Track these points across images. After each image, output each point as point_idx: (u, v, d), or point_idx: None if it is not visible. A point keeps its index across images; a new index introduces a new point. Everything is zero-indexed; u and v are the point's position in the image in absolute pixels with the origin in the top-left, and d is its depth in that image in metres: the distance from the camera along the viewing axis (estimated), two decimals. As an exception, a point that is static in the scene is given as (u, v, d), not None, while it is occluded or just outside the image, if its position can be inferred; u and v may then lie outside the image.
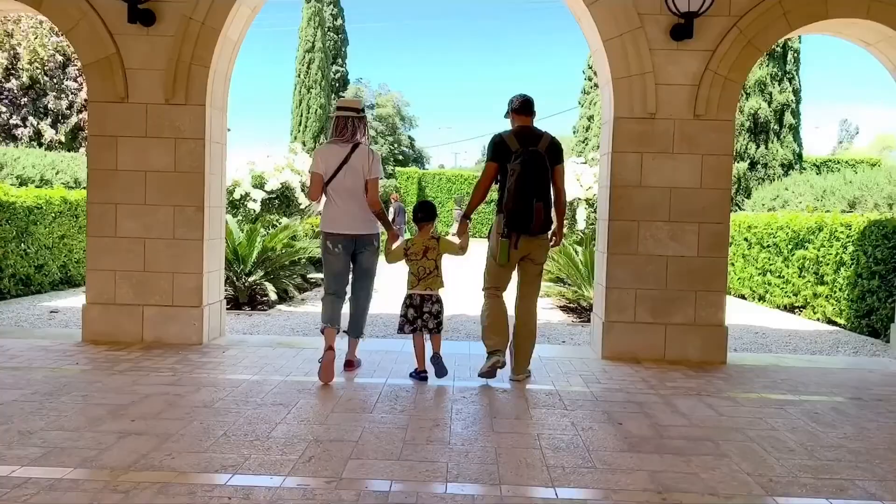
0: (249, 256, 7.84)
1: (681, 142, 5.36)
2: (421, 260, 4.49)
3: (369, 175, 4.48)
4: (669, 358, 5.38)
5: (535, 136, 4.42)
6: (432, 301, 4.49)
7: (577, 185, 8.75)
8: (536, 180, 4.25)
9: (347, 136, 4.50)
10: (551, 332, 6.93)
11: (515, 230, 4.32)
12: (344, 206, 4.50)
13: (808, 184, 10.24)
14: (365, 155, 4.49)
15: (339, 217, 4.52)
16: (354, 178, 4.46)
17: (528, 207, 4.24)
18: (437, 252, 4.52)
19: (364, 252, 4.62)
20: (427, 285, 4.49)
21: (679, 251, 5.38)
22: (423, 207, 4.65)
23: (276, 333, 6.49)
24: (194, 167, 5.47)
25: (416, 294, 4.49)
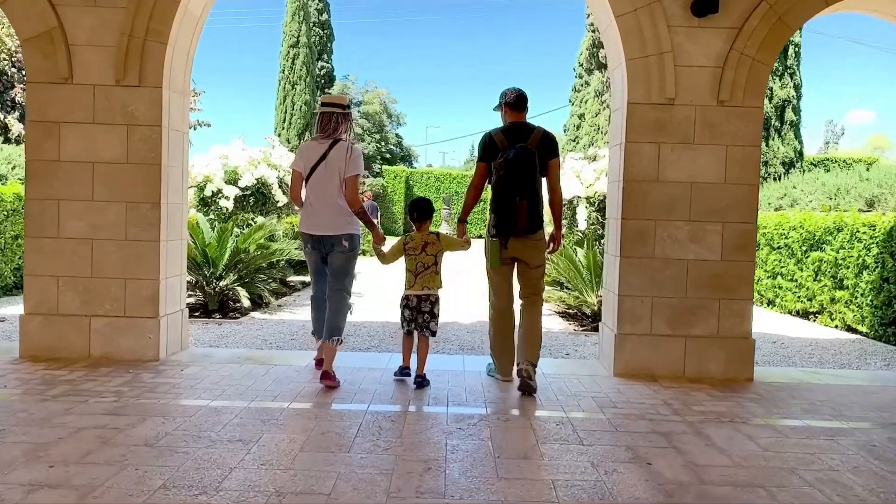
0: (220, 259, 7.15)
1: (703, 131, 4.75)
2: (419, 255, 4.33)
3: (348, 172, 4.29)
4: (690, 374, 4.77)
5: (525, 132, 4.22)
6: (431, 301, 4.33)
7: (577, 181, 8.14)
8: (521, 177, 4.06)
9: (329, 131, 4.35)
10: (553, 342, 6.30)
11: (504, 230, 4.15)
12: (317, 205, 4.33)
13: (818, 181, 9.72)
14: (343, 151, 4.30)
15: (310, 216, 4.36)
16: (330, 175, 4.28)
17: (512, 207, 4.08)
18: (437, 248, 4.36)
19: (333, 252, 4.38)
20: (424, 283, 4.31)
21: (700, 254, 4.77)
22: (419, 205, 4.43)
23: (247, 346, 5.81)
24: (150, 158, 4.78)
25: (413, 295, 4.32)
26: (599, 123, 26.06)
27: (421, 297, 4.31)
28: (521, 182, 4.07)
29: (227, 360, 4.88)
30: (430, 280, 4.35)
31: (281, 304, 8.06)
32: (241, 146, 8.55)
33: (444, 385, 4.36)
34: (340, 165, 4.28)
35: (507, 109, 4.37)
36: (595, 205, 8.21)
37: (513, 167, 4.04)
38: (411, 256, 4.35)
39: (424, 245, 4.35)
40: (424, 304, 4.32)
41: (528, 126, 4.30)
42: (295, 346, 5.82)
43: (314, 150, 4.34)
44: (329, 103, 4.43)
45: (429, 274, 4.34)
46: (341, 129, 4.39)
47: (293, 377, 4.45)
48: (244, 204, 8.34)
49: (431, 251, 4.34)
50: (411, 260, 4.35)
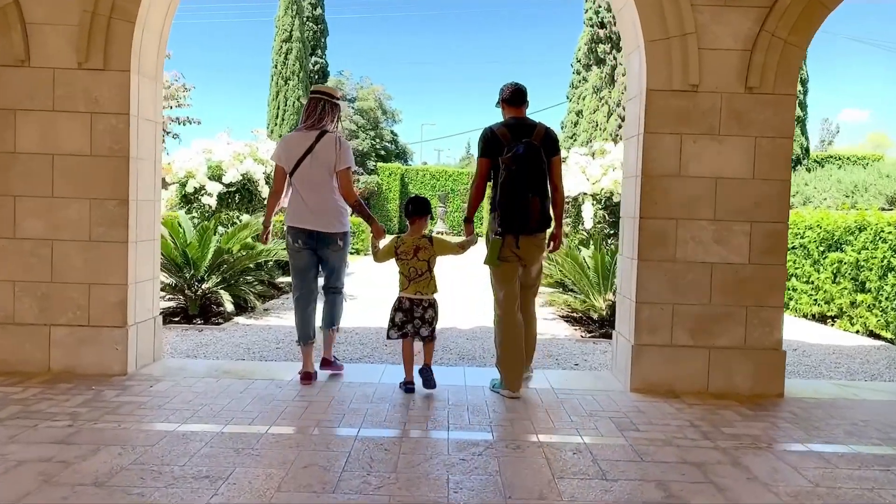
0: (202, 260, 6.67)
1: (729, 120, 4.30)
2: (411, 260, 4.09)
3: (339, 165, 4.13)
4: (714, 390, 4.33)
5: (527, 128, 4.10)
6: (424, 306, 4.09)
7: (583, 177, 7.69)
8: (531, 173, 3.94)
9: (314, 121, 4.15)
10: (559, 350, 5.85)
11: (511, 229, 3.99)
12: (307, 200, 4.12)
13: (831, 178, 9.31)
14: (332, 143, 4.11)
15: (302, 211, 4.14)
16: (320, 168, 4.09)
17: (523, 204, 3.94)
18: (429, 253, 4.12)
19: (328, 250, 4.24)
20: (418, 288, 4.09)
21: (726, 257, 4.32)
22: (415, 201, 4.21)
23: (228, 356, 5.33)
24: (116, 150, 4.30)
25: (406, 298, 4.10)
26: (598, 120, 25.64)
27: (414, 300, 4.08)
28: (532, 178, 3.94)
29: (203, 374, 4.41)
30: (425, 286, 4.11)
31: (268, 307, 7.58)
32: (225, 140, 8.07)
33: (443, 403, 3.90)
34: (330, 159, 4.08)
35: (506, 106, 4.24)
36: (602, 202, 7.76)
37: (524, 163, 3.90)
38: (403, 261, 4.12)
39: (416, 250, 4.10)
40: (417, 308, 4.08)
41: (530, 122, 4.18)
42: (280, 355, 5.35)
43: (299, 142, 4.11)
44: (317, 90, 4.25)
45: (423, 280, 4.10)
46: (327, 120, 4.18)
47: (275, 394, 3.99)
48: (228, 201, 7.86)
49: (423, 256, 4.10)
50: (404, 265, 4.12)
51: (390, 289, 4.42)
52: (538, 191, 3.98)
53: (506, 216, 3.97)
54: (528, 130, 4.08)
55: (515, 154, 3.89)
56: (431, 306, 4.10)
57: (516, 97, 4.21)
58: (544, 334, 6.44)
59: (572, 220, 8.11)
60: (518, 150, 3.90)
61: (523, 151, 3.90)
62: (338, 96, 4.32)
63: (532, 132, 4.06)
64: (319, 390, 4.13)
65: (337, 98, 4.29)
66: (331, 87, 4.39)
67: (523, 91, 4.25)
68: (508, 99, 4.22)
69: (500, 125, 4.13)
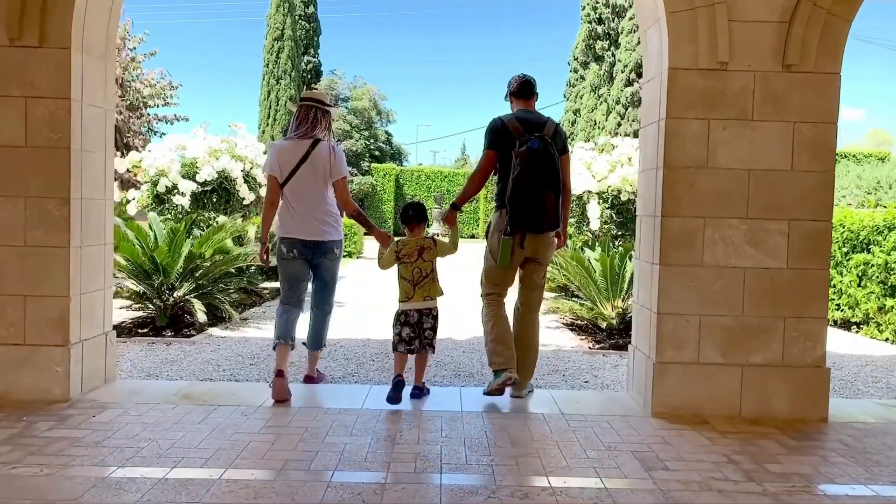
0: (173, 266, 6.07)
1: (764, 104, 3.74)
2: (416, 262, 3.91)
3: (335, 175, 4.01)
4: (748, 414, 3.76)
5: (538, 122, 3.91)
6: (433, 315, 3.94)
7: (588, 174, 7.11)
8: (546, 169, 3.74)
9: (306, 129, 4.01)
10: (566, 364, 5.27)
11: (522, 227, 3.77)
12: (302, 210, 3.99)
13: (849, 175, 8.75)
14: (326, 152, 3.99)
15: (296, 221, 4.00)
16: (315, 178, 3.97)
17: (538, 200, 3.73)
18: (434, 253, 3.96)
19: (324, 260, 4.09)
20: (425, 292, 3.90)
21: (761, 260, 3.76)
22: (414, 206, 4.05)
23: (194, 374, 4.73)
24: (56, 140, 3.71)
25: (413, 310, 3.87)
26: (596, 118, 25.11)
27: (423, 311, 3.88)
28: (546, 174, 3.75)
29: (159, 399, 3.82)
30: (431, 288, 3.93)
31: (246, 317, 6.98)
32: (202, 135, 7.48)
33: (436, 436, 3.32)
34: (325, 168, 3.97)
35: (514, 98, 4.07)
36: (608, 201, 7.18)
37: (539, 158, 3.72)
38: (406, 264, 3.92)
39: (421, 250, 3.92)
40: (427, 319, 3.90)
41: (541, 116, 4.01)
42: (253, 373, 4.75)
43: (291, 151, 3.97)
44: (307, 97, 4.13)
45: (428, 282, 3.92)
46: (320, 128, 4.06)
47: (239, 425, 3.41)
48: (204, 201, 7.26)
49: (429, 257, 3.94)
50: (406, 268, 3.92)
51: (382, 294, 3.87)
52: (552, 187, 3.78)
53: (517, 213, 3.74)
54: (539, 125, 3.88)
55: (530, 148, 3.73)
56: (436, 316, 3.94)
57: (525, 89, 4.03)
58: (548, 345, 5.87)
59: (576, 221, 7.53)
60: (533, 145, 3.73)
61: (538, 146, 3.73)
62: (329, 103, 4.20)
63: (543, 127, 3.87)
64: (292, 418, 3.54)
65: (328, 105, 4.16)
66: (321, 94, 4.29)
67: (532, 83, 4.06)
68: (516, 91, 4.04)
69: (510, 117, 3.92)
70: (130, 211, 7.33)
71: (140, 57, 18.00)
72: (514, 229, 3.76)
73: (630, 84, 21.56)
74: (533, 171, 3.71)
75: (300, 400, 3.91)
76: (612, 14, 23.86)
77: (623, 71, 21.89)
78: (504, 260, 3.79)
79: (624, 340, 5.94)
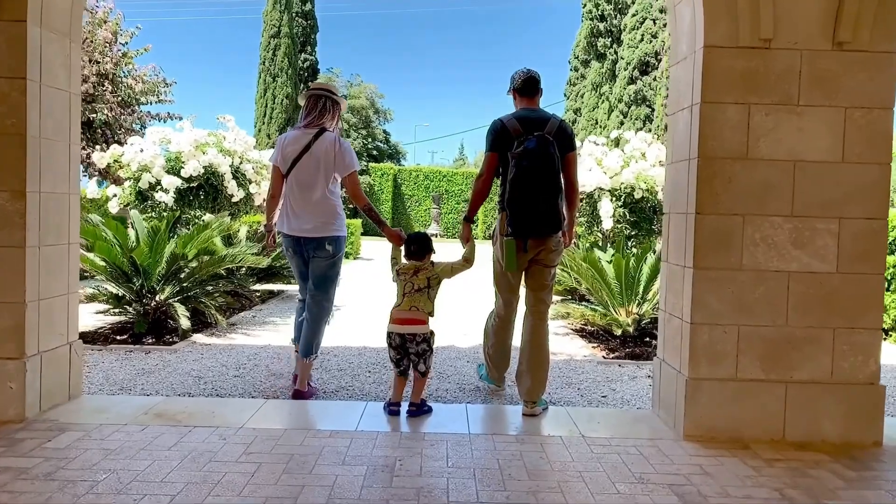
0: (154, 267, 5.63)
1: (811, 86, 3.31)
2: (411, 277, 3.70)
3: (343, 170, 3.83)
4: (794, 437, 3.33)
5: (540, 120, 3.72)
6: (416, 341, 3.60)
7: (599, 171, 6.68)
8: (543, 170, 3.56)
9: (313, 118, 3.87)
10: (580, 376, 4.83)
11: (521, 230, 3.61)
12: (296, 203, 3.86)
13: None
14: (330, 144, 3.81)
15: (289, 215, 3.89)
16: (314, 169, 3.80)
17: (536, 202, 3.58)
18: (429, 272, 3.70)
19: (315, 258, 3.89)
20: (413, 302, 3.63)
21: (807, 264, 3.33)
22: (416, 241, 3.72)
23: (172, 387, 4.27)
24: (8, 126, 3.27)
25: (396, 333, 3.62)
26: (598, 117, 24.73)
27: (405, 336, 3.59)
28: (545, 175, 3.57)
29: (128, 418, 3.39)
30: (420, 300, 3.64)
31: (235, 322, 6.54)
32: (188, 128, 7.04)
33: (441, 465, 2.89)
34: (327, 159, 3.79)
35: (517, 96, 3.89)
36: (621, 199, 6.75)
37: (536, 158, 3.55)
38: (402, 279, 3.72)
39: (416, 270, 3.70)
40: (410, 344, 3.60)
41: (543, 114, 3.82)
42: (237, 387, 4.31)
43: (296, 141, 3.84)
44: (318, 87, 4.01)
45: (418, 294, 3.66)
46: (327, 118, 3.91)
47: (215, 451, 2.97)
48: (190, 198, 6.81)
49: (424, 275, 3.69)
50: (402, 283, 3.72)
51: (380, 297, 3.42)
52: (551, 188, 3.59)
53: (516, 217, 3.59)
54: (541, 123, 3.69)
55: (526, 149, 3.56)
56: (425, 341, 3.61)
57: (528, 86, 3.84)
58: (558, 354, 5.44)
59: (587, 220, 7.10)
60: (529, 145, 3.56)
61: (535, 146, 3.56)
62: (339, 94, 4.04)
63: (545, 125, 3.68)
64: (276, 443, 3.11)
65: (338, 95, 4.01)
66: (331, 85, 4.17)
67: (536, 79, 3.86)
68: (520, 88, 3.86)
69: (510, 117, 3.76)
70: (112, 208, 6.87)
71: (132, 52, 17.55)
72: (514, 233, 3.60)
73: (633, 82, 21.16)
74: (530, 173, 3.54)
75: (286, 419, 3.48)
76: (615, 11, 23.47)
77: (626, 68, 21.49)
78: (510, 264, 3.62)
79: (640, 349, 5.51)
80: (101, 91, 15.94)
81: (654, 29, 20.77)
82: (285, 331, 6.21)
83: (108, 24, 16.57)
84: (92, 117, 15.76)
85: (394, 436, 3.27)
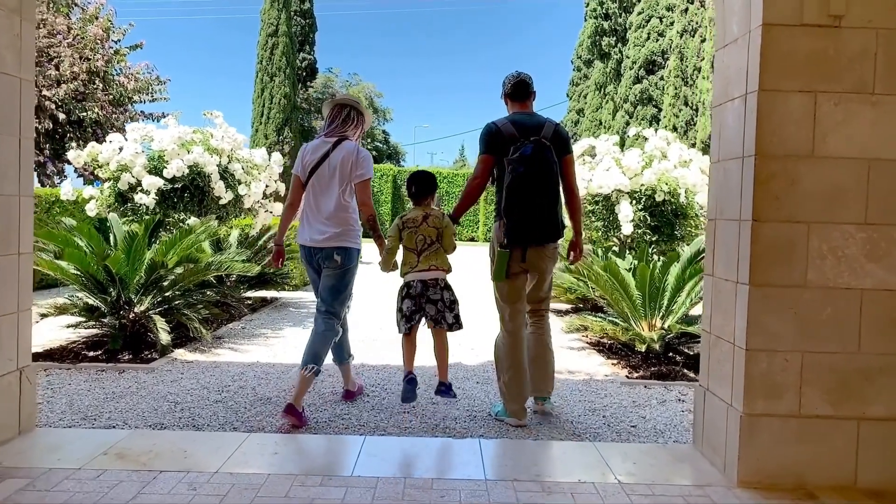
0: (132, 276, 5.12)
1: (889, 72, 2.82)
2: (420, 227, 3.63)
3: (358, 177, 3.70)
4: (867, 482, 2.83)
5: (535, 125, 3.60)
6: (440, 286, 3.61)
7: (617, 171, 6.16)
8: (541, 176, 3.46)
9: (335, 126, 3.79)
10: (603, 400, 4.33)
11: (520, 239, 3.50)
12: (311, 212, 3.77)
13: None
14: (350, 152, 3.72)
15: (303, 224, 3.81)
16: (330, 177, 3.71)
17: (531, 210, 3.46)
18: (438, 221, 3.66)
19: (326, 267, 3.75)
20: (430, 261, 3.60)
21: (884, 280, 2.84)
22: (417, 180, 3.76)
23: (140, 417, 3.75)
24: (-58, 115, 2.77)
25: (417, 280, 3.58)
26: (601, 118, 24.24)
27: (427, 281, 3.58)
28: (543, 181, 3.46)
29: (83, 459, 2.88)
30: (437, 258, 3.63)
31: (222, 334, 6.03)
32: (173, 124, 6.53)
33: None
34: (344, 168, 3.68)
35: (509, 101, 3.78)
36: (642, 202, 6.25)
37: (533, 164, 3.43)
38: (410, 230, 3.65)
39: (426, 216, 3.65)
40: (433, 290, 3.60)
41: (538, 118, 3.68)
42: (219, 415, 3.79)
43: (315, 149, 3.77)
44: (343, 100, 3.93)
45: (434, 250, 3.63)
46: (350, 127, 3.83)
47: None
48: (173, 201, 6.30)
49: (434, 223, 3.65)
50: (411, 236, 3.64)
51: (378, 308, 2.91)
52: (548, 195, 3.49)
53: (513, 225, 3.46)
54: (537, 128, 3.57)
55: (522, 154, 3.44)
56: (448, 288, 3.61)
57: (519, 90, 3.72)
58: (576, 373, 4.94)
59: (604, 225, 6.59)
60: (526, 151, 3.44)
61: (531, 151, 3.44)
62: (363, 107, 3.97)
63: (541, 129, 3.57)
64: (256, 495, 2.60)
65: (363, 108, 3.94)
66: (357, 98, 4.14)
67: (527, 82, 3.74)
68: (511, 93, 3.74)
69: (504, 120, 3.63)
70: (90, 211, 6.36)
71: (125, 50, 17.07)
72: (512, 242, 3.49)
73: (639, 81, 20.68)
74: (527, 180, 3.42)
75: (271, 460, 2.98)
76: (620, 9, 22.99)
77: (631, 67, 21.01)
78: (499, 274, 3.54)
79: (667, 367, 5.01)
80: (91, 89, 15.48)
81: (660, 27, 20.28)
82: (276, 344, 5.71)
83: (99, 20, 16.13)
84: (82, 116, 15.30)
85: (396, 483, 2.76)
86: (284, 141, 26.20)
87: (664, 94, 18.05)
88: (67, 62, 14.82)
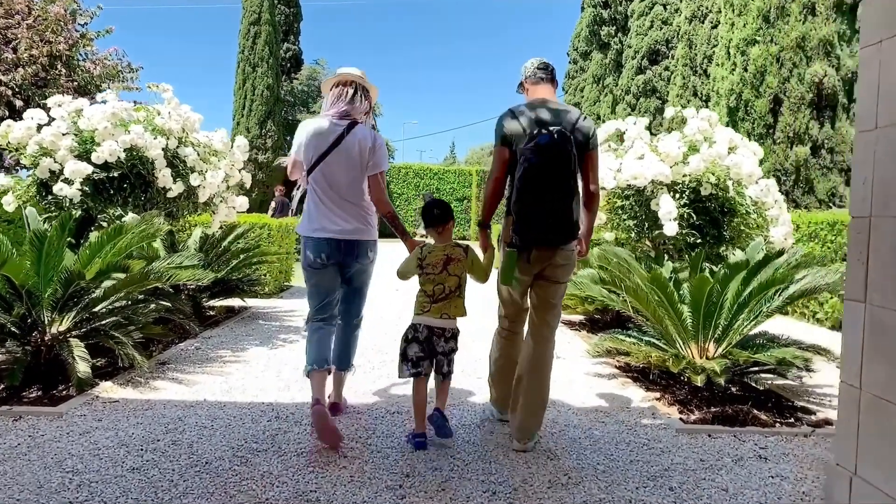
0: (43, 289, 3.97)
1: None
2: (439, 274, 3.24)
3: (374, 167, 3.41)
4: None
5: (557, 112, 3.21)
6: (446, 337, 3.24)
7: (654, 159, 5.04)
8: (555, 168, 3.03)
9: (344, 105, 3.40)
10: (659, 458, 3.23)
11: (527, 238, 3.12)
12: (331, 203, 3.37)
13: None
14: (366, 138, 3.38)
15: (324, 216, 3.36)
16: (349, 166, 3.36)
17: (541, 207, 3.07)
18: (462, 266, 3.28)
19: (356, 265, 3.45)
20: (443, 310, 3.23)
21: None
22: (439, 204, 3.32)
23: (14, 500, 2.62)
24: None
25: (424, 325, 3.22)
26: (600, 112, 23.23)
27: (434, 329, 3.20)
28: (556, 174, 3.03)
29: None
30: (452, 307, 3.24)
31: (168, 358, 4.87)
32: (112, 99, 5.35)
33: None
34: (363, 156, 3.37)
35: (530, 85, 3.42)
36: (686, 195, 5.15)
37: (546, 155, 3.02)
38: (429, 276, 3.25)
39: (447, 261, 3.24)
40: (438, 340, 3.21)
41: (561, 106, 3.27)
42: (131, 494, 2.65)
43: (325, 134, 3.35)
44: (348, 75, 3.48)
45: (451, 300, 3.24)
46: (360, 109, 3.47)
47: None
48: (110, 193, 5.13)
49: (455, 270, 3.25)
50: (428, 281, 3.26)
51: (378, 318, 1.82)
52: (561, 190, 3.08)
53: (522, 222, 3.11)
54: (559, 116, 3.22)
55: (537, 144, 3.07)
56: (454, 337, 3.28)
57: (542, 74, 3.43)
58: (613, 413, 3.87)
59: (636, 224, 5.47)
60: (541, 140, 3.07)
61: (547, 141, 3.07)
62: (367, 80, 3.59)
63: (564, 118, 3.22)
64: None
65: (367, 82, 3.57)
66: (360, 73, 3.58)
67: (548, 67, 3.46)
68: (532, 76, 3.45)
69: (522, 107, 3.31)
70: (7, 206, 5.16)
71: (92, 33, 15.86)
72: (520, 240, 3.13)
73: (642, 72, 19.66)
74: (540, 171, 3.04)
75: None
76: (620, -4, 21.95)
77: (634, 57, 19.99)
78: (506, 277, 3.17)
79: (732, 407, 3.91)
80: (53, 74, 14.28)
81: (664, 14, 19.24)
82: (234, 372, 4.58)
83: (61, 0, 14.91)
84: (43, 103, 14.11)
85: None
86: (267, 135, 25.07)
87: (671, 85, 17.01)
88: (25, 44, 13.61)
